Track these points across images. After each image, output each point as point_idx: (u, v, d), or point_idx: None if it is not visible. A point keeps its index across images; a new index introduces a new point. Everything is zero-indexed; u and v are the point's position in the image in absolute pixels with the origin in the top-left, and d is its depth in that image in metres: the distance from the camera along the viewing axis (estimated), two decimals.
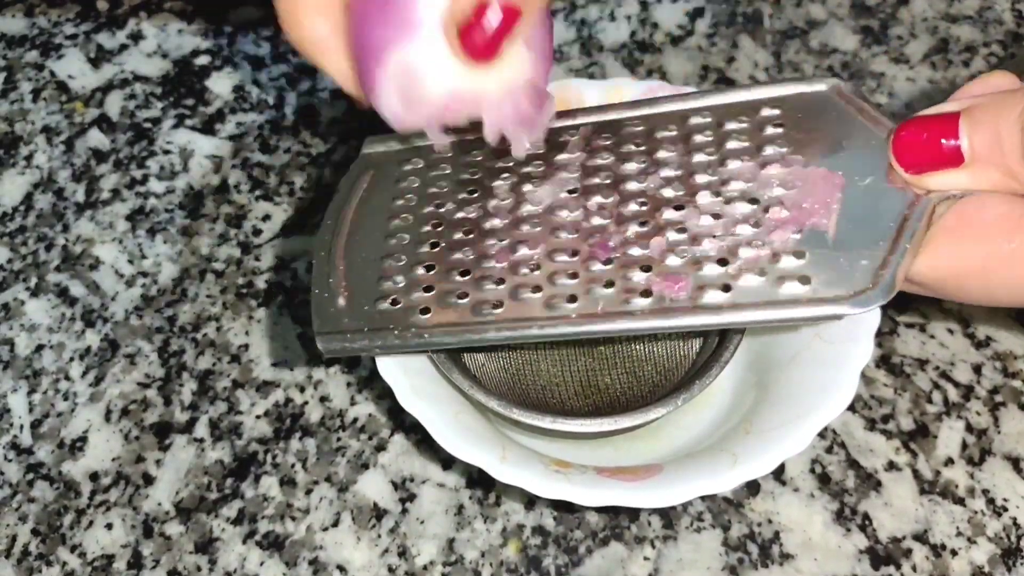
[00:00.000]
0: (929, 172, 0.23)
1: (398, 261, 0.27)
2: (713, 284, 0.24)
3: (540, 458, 0.30)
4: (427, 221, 0.28)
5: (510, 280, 0.25)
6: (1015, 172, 0.21)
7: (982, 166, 0.22)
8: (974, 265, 0.22)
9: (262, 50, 0.48)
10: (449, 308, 0.25)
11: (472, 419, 0.30)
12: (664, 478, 0.28)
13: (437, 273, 0.26)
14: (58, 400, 0.38)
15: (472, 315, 0.25)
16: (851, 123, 0.25)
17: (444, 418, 0.29)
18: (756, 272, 0.24)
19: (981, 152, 0.22)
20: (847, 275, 0.23)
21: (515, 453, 0.29)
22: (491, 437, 0.30)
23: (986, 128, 0.22)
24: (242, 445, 0.37)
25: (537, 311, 0.24)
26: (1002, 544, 0.34)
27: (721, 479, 0.28)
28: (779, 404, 0.30)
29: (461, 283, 0.26)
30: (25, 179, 0.44)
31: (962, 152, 0.22)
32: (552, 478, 0.28)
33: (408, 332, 0.25)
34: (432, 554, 0.34)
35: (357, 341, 0.26)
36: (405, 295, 0.26)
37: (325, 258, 0.27)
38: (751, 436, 0.29)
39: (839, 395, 0.29)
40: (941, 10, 0.48)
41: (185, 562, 0.34)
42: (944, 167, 0.22)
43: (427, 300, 0.26)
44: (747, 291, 0.23)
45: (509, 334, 0.25)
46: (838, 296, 0.23)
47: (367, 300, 0.26)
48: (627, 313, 0.24)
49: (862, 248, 0.23)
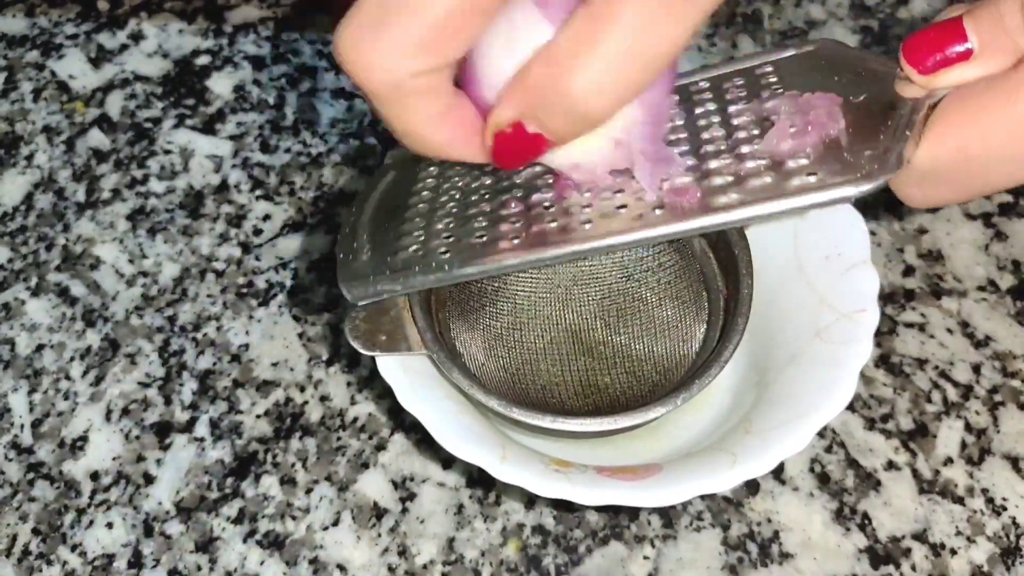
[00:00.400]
0: (941, 69, 0.24)
1: (418, 224, 0.27)
2: (723, 190, 0.25)
3: (540, 458, 0.30)
4: (446, 193, 0.28)
5: (526, 218, 0.26)
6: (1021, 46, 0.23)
7: (989, 54, 0.23)
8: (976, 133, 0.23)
9: (262, 50, 0.48)
10: (468, 246, 0.26)
11: (472, 419, 0.30)
12: (664, 477, 0.28)
13: (456, 225, 0.27)
14: (58, 399, 0.38)
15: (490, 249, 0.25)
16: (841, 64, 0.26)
17: (444, 418, 0.29)
18: (764, 172, 0.24)
19: (988, 41, 0.23)
20: (851, 164, 0.24)
21: (515, 453, 0.29)
22: (491, 437, 0.30)
23: (989, 17, 0.23)
24: (242, 444, 0.37)
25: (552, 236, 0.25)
26: (1001, 543, 0.34)
27: (720, 478, 0.28)
28: (778, 404, 0.30)
29: (478, 227, 0.26)
30: (26, 179, 0.44)
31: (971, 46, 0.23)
32: (552, 477, 0.28)
33: (429, 267, 0.26)
34: (432, 553, 0.34)
35: (381, 283, 0.26)
36: (425, 244, 0.27)
37: (349, 234, 0.28)
38: (750, 436, 0.29)
39: (838, 395, 0.29)
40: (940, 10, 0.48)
41: (185, 561, 0.34)
42: (955, 63, 0.23)
43: (447, 244, 0.26)
44: (756, 189, 0.24)
45: (527, 257, 0.25)
46: (846, 179, 0.23)
47: (390, 253, 0.27)
48: (641, 223, 0.24)
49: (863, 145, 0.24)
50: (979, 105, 0.23)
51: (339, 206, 0.43)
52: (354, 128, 0.45)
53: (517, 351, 0.34)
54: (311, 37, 0.48)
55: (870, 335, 0.30)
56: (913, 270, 0.40)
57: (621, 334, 0.35)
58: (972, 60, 0.24)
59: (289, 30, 0.48)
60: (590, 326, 0.35)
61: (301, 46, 0.48)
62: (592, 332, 0.35)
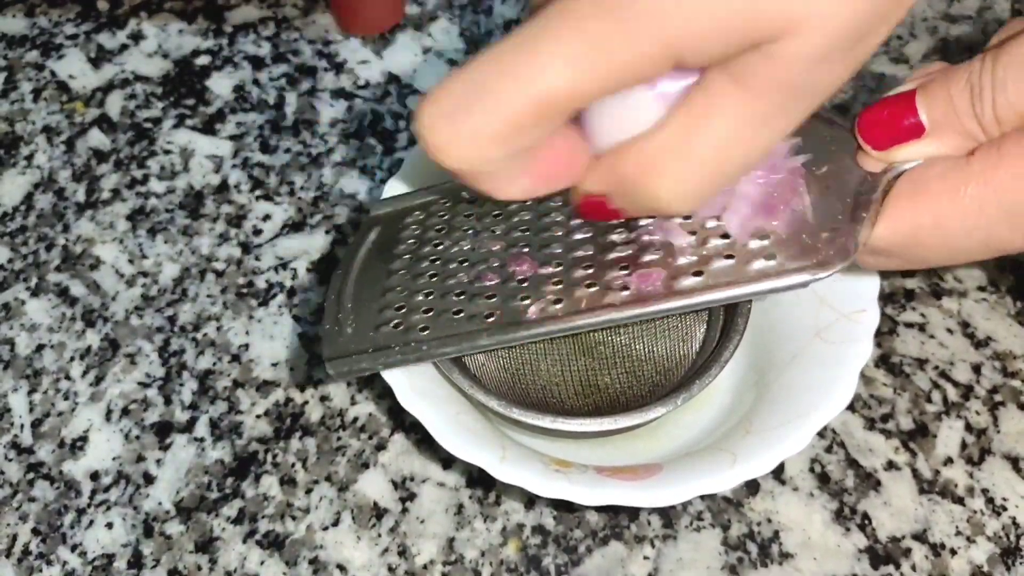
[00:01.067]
0: (895, 146, 0.25)
1: (399, 293, 0.29)
2: (685, 272, 0.26)
3: (540, 458, 0.30)
4: (426, 258, 0.30)
5: (501, 293, 0.28)
6: (970, 130, 0.24)
7: (941, 132, 0.24)
8: (929, 220, 0.24)
9: (262, 50, 0.48)
10: (446, 323, 0.28)
11: (472, 419, 0.30)
12: (664, 477, 0.28)
13: (434, 297, 0.29)
14: (58, 400, 0.38)
15: (467, 325, 0.27)
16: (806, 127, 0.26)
17: (444, 418, 0.29)
18: (725, 256, 0.26)
19: (938, 120, 0.24)
20: (810, 248, 0.25)
21: (515, 453, 0.29)
22: (491, 437, 0.30)
23: (939, 98, 0.24)
24: (242, 444, 0.37)
25: (525, 315, 0.27)
26: (1001, 543, 0.34)
27: (721, 478, 0.28)
28: (778, 404, 0.30)
29: (456, 301, 0.28)
30: (26, 179, 0.44)
31: (922, 123, 0.24)
32: (552, 477, 0.28)
33: (408, 347, 0.27)
34: (432, 553, 0.34)
35: (362, 362, 0.28)
36: (405, 318, 0.28)
37: (335, 300, 0.30)
38: (751, 436, 0.29)
39: (838, 395, 0.29)
40: (941, 10, 0.48)
41: (185, 561, 0.34)
42: (908, 139, 0.24)
43: (426, 319, 0.28)
44: (717, 272, 0.25)
45: (501, 337, 0.27)
46: (802, 266, 0.25)
47: (371, 327, 0.28)
48: (608, 306, 0.26)
49: (823, 225, 0.25)
50: (932, 193, 0.24)
51: (339, 206, 0.43)
52: (354, 128, 0.45)
53: (517, 351, 0.34)
54: (311, 37, 0.48)
55: (870, 335, 0.30)
56: (913, 270, 0.40)
57: (621, 334, 0.35)
58: (925, 137, 0.24)
59: (289, 30, 0.48)
60: None
61: (301, 46, 0.48)
62: (592, 332, 0.35)
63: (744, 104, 0.21)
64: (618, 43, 0.19)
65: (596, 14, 0.19)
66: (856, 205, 0.25)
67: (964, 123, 0.24)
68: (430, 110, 0.21)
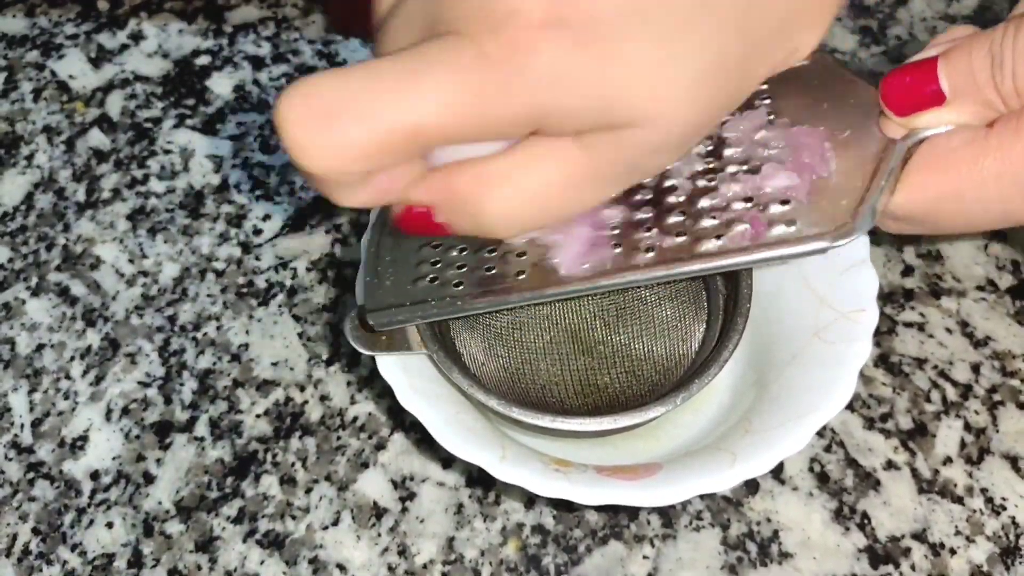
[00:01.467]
0: (916, 112, 0.25)
1: (434, 248, 0.30)
2: (707, 235, 0.26)
3: (540, 457, 0.30)
4: None
5: (531, 251, 0.28)
6: (990, 100, 0.24)
7: (962, 100, 0.24)
8: (947, 190, 0.25)
9: (262, 50, 0.48)
10: (479, 279, 0.28)
11: (472, 418, 0.30)
12: (663, 477, 0.28)
13: (468, 253, 0.29)
14: (59, 399, 0.38)
15: (498, 283, 0.28)
16: (831, 87, 0.27)
17: (444, 417, 0.29)
18: (746, 220, 0.26)
19: (959, 88, 0.24)
20: (829, 214, 0.25)
21: (515, 452, 0.29)
22: (491, 436, 0.30)
23: (961, 66, 0.24)
24: (242, 444, 0.37)
25: (554, 275, 0.27)
26: (1001, 543, 0.34)
27: (720, 478, 0.28)
28: (778, 403, 0.30)
29: (488, 258, 0.28)
30: (26, 179, 0.44)
31: (943, 91, 0.24)
32: (552, 477, 0.28)
33: (444, 301, 0.28)
34: (432, 553, 0.34)
35: (401, 314, 0.29)
36: (441, 273, 0.29)
37: (374, 253, 0.30)
38: (750, 435, 0.29)
39: (838, 394, 0.29)
40: (940, 10, 0.48)
41: (185, 561, 0.35)
42: (929, 106, 0.24)
43: (459, 275, 0.29)
44: (738, 237, 0.26)
45: (530, 297, 0.27)
46: (821, 232, 0.25)
47: (409, 280, 0.29)
48: (633, 267, 0.26)
49: (842, 190, 0.25)
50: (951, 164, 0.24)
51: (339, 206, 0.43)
52: None
53: (517, 351, 0.34)
54: (311, 37, 0.48)
55: (869, 335, 0.30)
56: (912, 270, 0.40)
57: (620, 333, 0.35)
58: (946, 105, 0.24)
59: (289, 30, 0.48)
60: (589, 326, 0.35)
61: (301, 46, 0.48)
62: (592, 331, 0.35)
63: (579, 162, 0.23)
64: (493, 100, 0.21)
65: (483, 67, 0.21)
66: (876, 172, 0.25)
67: (985, 93, 0.24)
68: (299, 108, 0.21)
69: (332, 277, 0.41)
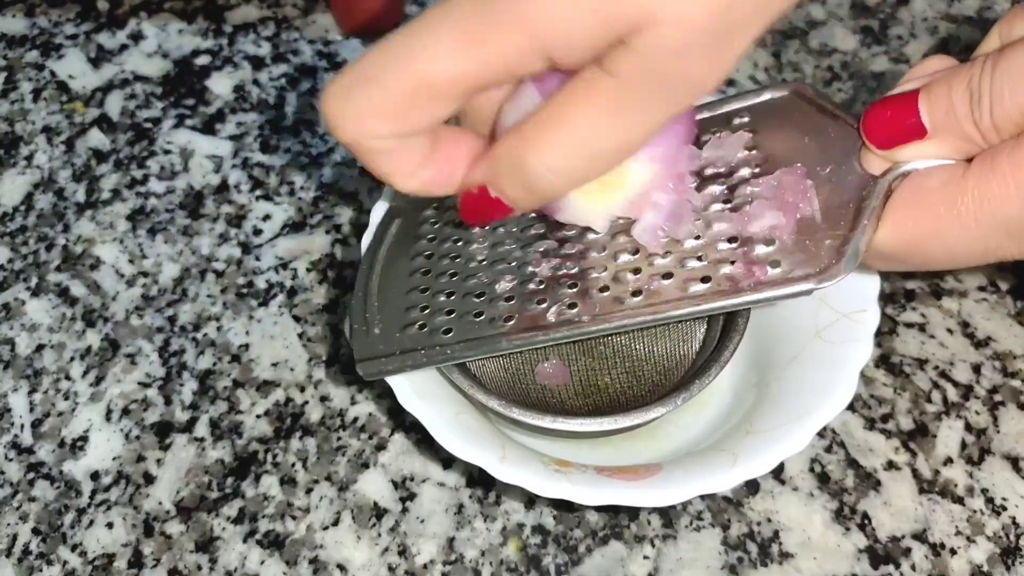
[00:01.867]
0: (898, 146, 0.25)
1: (422, 292, 0.30)
2: (695, 277, 0.26)
3: (540, 457, 0.30)
4: (446, 256, 0.31)
5: (519, 295, 0.28)
6: (969, 134, 0.24)
7: (942, 135, 0.24)
8: (928, 228, 0.25)
9: (262, 50, 0.48)
10: (467, 326, 0.28)
11: (472, 419, 0.30)
12: (664, 477, 0.28)
13: (456, 298, 0.29)
14: (59, 400, 0.38)
15: (488, 329, 0.28)
16: (813, 120, 0.28)
17: (444, 418, 0.29)
18: (731, 262, 0.26)
19: (939, 122, 0.24)
20: (814, 255, 0.25)
21: (515, 453, 0.29)
22: (491, 437, 0.30)
23: (941, 101, 0.24)
24: (242, 444, 0.37)
25: (542, 320, 0.27)
26: (1001, 543, 0.34)
27: (720, 478, 0.28)
28: (778, 404, 0.30)
29: (476, 303, 0.29)
30: (26, 179, 0.44)
31: (924, 124, 0.25)
32: (552, 477, 0.28)
33: (433, 351, 0.28)
34: (432, 553, 0.34)
35: (391, 364, 0.29)
36: (429, 319, 0.29)
37: (362, 298, 0.31)
38: (751, 436, 0.29)
39: (838, 395, 0.29)
40: (941, 10, 0.48)
41: (186, 561, 0.35)
42: (910, 140, 0.25)
43: (448, 322, 0.29)
44: (725, 279, 0.26)
45: (520, 342, 0.27)
46: (807, 274, 0.25)
47: (397, 327, 0.29)
48: (621, 311, 0.27)
49: (826, 230, 0.26)
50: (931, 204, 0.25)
51: (339, 206, 0.43)
52: None
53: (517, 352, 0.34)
54: (311, 37, 0.48)
55: (870, 335, 0.30)
56: (914, 271, 0.40)
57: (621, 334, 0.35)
58: (927, 139, 0.25)
59: (289, 30, 0.48)
60: None
61: (301, 46, 0.48)
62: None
63: (612, 90, 0.22)
64: (490, 38, 0.22)
65: (474, 13, 0.22)
66: (859, 211, 0.25)
67: (964, 127, 0.24)
68: (331, 88, 0.23)
69: (332, 277, 0.41)
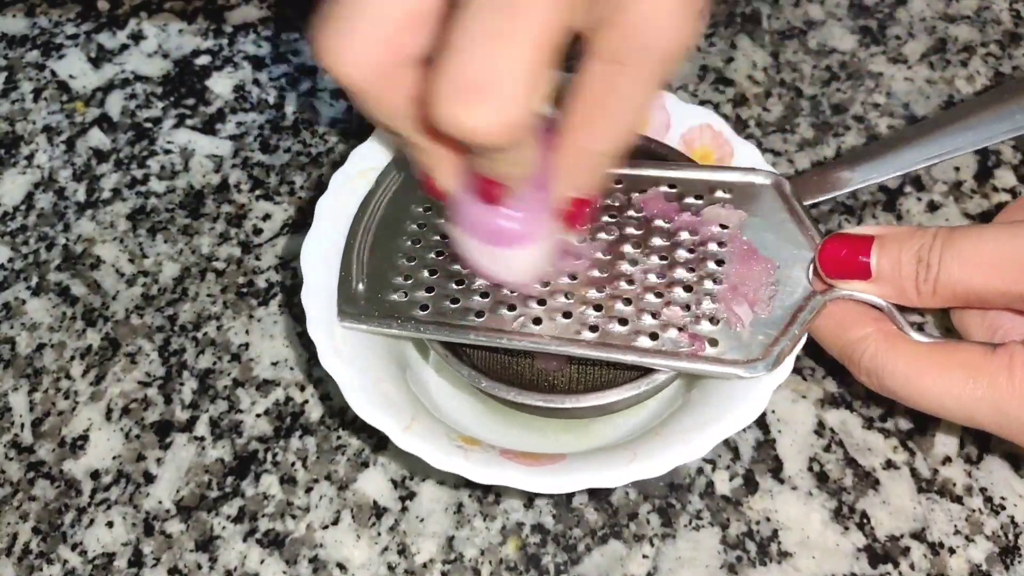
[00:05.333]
0: (844, 280, 0.28)
1: (410, 261, 0.32)
2: (645, 331, 0.29)
3: (447, 432, 0.30)
4: (437, 231, 0.32)
5: (493, 295, 0.30)
6: (906, 291, 0.28)
7: (884, 283, 0.28)
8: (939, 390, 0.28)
9: (262, 50, 0.48)
10: (442, 309, 0.30)
11: (394, 389, 0.31)
12: (562, 467, 0.29)
13: (438, 278, 0.31)
14: (59, 399, 0.38)
15: (459, 318, 0.30)
16: (782, 217, 0.31)
17: (360, 382, 0.30)
18: (678, 328, 0.29)
19: (884, 272, 0.28)
20: (746, 345, 0.29)
21: (423, 425, 0.30)
22: (405, 407, 0.30)
23: (892, 255, 0.28)
24: (242, 443, 0.37)
25: (508, 326, 0.30)
26: (1000, 542, 0.34)
27: (613, 474, 0.28)
28: (690, 410, 0.31)
29: (455, 290, 0.31)
30: (26, 179, 0.44)
31: (871, 270, 0.28)
32: (451, 453, 0.29)
33: (407, 323, 0.30)
34: (432, 552, 0.34)
35: (366, 323, 0.31)
36: (411, 291, 0.31)
37: (353, 247, 0.32)
38: (657, 438, 0.30)
39: (745, 409, 0.29)
40: (939, 10, 0.48)
41: (186, 560, 0.35)
42: (856, 278, 0.28)
43: (426, 299, 0.31)
44: (668, 341, 0.29)
45: (484, 341, 0.30)
46: (736, 360, 0.28)
47: (380, 289, 0.31)
48: (576, 341, 0.29)
49: (763, 326, 0.29)
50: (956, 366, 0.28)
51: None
52: (354, 128, 0.45)
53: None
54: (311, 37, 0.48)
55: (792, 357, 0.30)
56: None
57: None
58: (871, 281, 0.28)
59: (289, 30, 0.48)
60: None
61: (301, 46, 0.48)
62: None
63: None
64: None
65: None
66: (794, 319, 0.29)
67: (904, 284, 0.28)
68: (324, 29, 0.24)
69: None
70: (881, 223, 0.41)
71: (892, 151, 0.31)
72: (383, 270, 0.32)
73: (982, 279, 0.26)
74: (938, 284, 0.27)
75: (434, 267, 0.31)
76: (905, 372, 0.28)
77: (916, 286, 0.27)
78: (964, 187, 0.42)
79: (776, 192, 0.31)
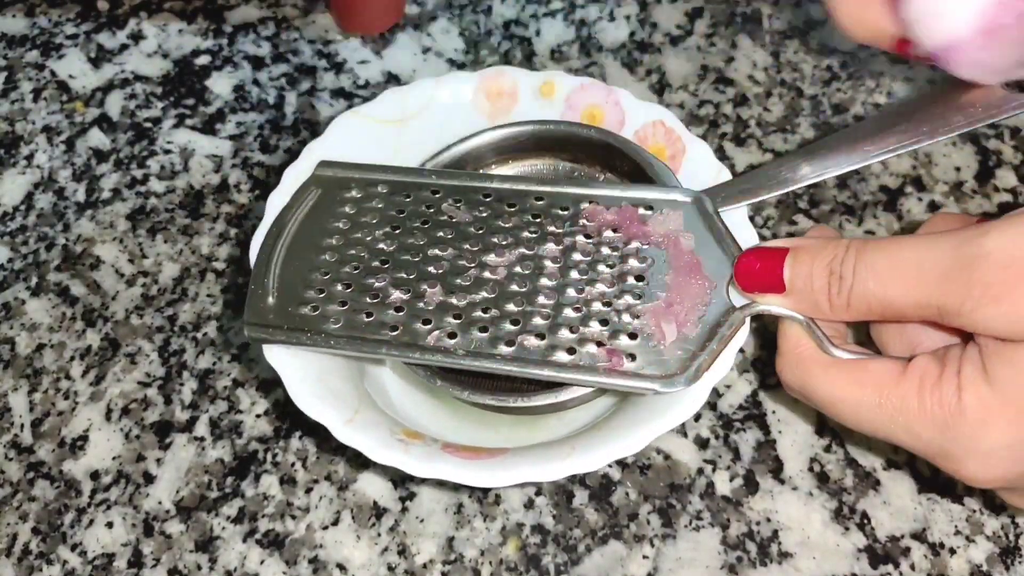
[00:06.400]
0: (759, 293, 0.28)
1: (323, 275, 0.31)
2: (562, 345, 0.29)
3: (390, 426, 0.30)
4: (354, 245, 0.32)
5: (408, 309, 0.30)
6: (819, 304, 0.27)
7: (797, 297, 0.27)
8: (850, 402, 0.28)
9: (262, 50, 0.48)
10: (355, 323, 0.30)
11: (340, 382, 0.31)
12: (502, 461, 0.29)
13: (352, 291, 0.31)
14: (59, 399, 0.38)
15: (372, 332, 0.30)
16: (702, 235, 0.30)
17: (304, 375, 0.30)
18: (596, 343, 0.29)
19: (797, 286, 0.27)
20: (664, 361, 0.28)
21: (365, 419, 0.30)
22: (348, 402, 0.30)
23: (803, 269, 0.27)
24: (242, 444, 0.37)
25: (423, 340, 0.29)
26: (1000, 543, 0.34)
27: (550, 468, 0.28)
28: (630, 407, 0.31)
29: (368, 304, 0.30)
30: (26, 179, 0.44)
31: (784, 284, 0.28)
32: (391, 446, 0.29)
33: (318, 336, 0.30)
34: (432, 552, 0.34)
35: (276, 336, 0.30)
36: (323, 305, 0.30)
37: (265, 260, 0.32)
38: (597, 433, 0.30)
39: (682, 407, 0.29)
40: None
41: (185, 560, 0.35)
42: (770, 292, 0.28)
43: (339, 312, 0.30)
44: (586, 356, 0.29)
45: (396, 355, 0.29)
46: (653, 375, 0.28)
47: (291, 303, 0.31)
48: (492, 355, 0.29)
49: (683, 341, 0.29)
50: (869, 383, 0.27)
51: None
52: None
53: None
54: (311, 37, 0.48)
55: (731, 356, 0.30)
56: None
57: None
58: (784, 295, 0.28)
59: (289, 30, 0.48)
60: None
61: (301, 46, 0.48)
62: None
63: None
64: None
65: None
66: (712, 334, 0.28)
67: (816, 297, 0.27)
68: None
69: None
70: (881, 223, 0.41)
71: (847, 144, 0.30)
72: (296, 284, 0.31)
73: (900, 290, 0.25)
74: (852, 297, 0.26)
75: (349, 281, 0.31)
76: (826, 391, 0.27)
77: (829, 299, 0.27)
78: (965, 187, 0.42)
79: (696, 209, 0.31)
